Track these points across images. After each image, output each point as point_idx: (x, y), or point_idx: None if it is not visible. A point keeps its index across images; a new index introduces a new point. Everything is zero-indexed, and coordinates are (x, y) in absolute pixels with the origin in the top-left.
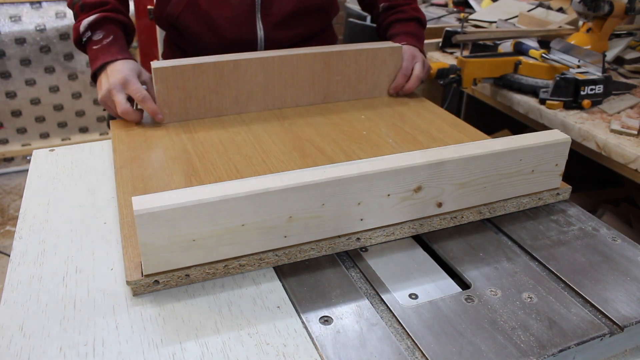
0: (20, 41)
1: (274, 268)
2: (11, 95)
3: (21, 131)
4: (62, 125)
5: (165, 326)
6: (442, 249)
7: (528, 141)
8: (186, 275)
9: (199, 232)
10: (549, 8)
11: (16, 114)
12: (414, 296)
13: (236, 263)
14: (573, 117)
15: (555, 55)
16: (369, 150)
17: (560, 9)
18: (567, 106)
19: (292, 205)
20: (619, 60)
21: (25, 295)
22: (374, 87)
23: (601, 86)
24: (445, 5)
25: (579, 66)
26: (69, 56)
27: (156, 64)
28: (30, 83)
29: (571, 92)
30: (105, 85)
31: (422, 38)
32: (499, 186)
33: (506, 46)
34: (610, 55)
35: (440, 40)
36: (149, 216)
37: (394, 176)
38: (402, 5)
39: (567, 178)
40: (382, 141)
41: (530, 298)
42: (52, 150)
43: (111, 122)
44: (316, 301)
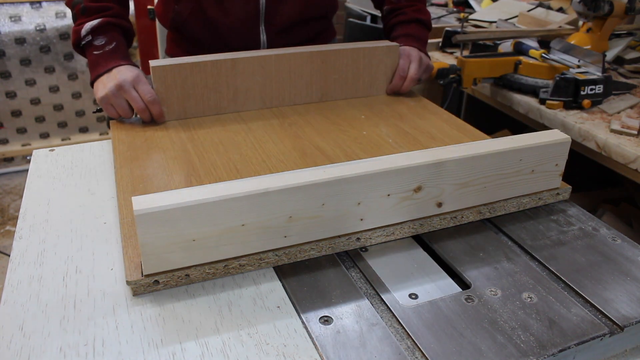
0: (20, 41)
1: (274, 268)
2: (11, 95)
3: (21, 131)
4: (62, 125)
5: (165, 326)
6: (442, 249)
7: (528, 141)
8: (186, 275)
9: (199, 232)
10: (549, 8)
11: (16, 114)
12: (414, 296)
13: (236, 263)
14: (573, 117)
15: (555, 55)
16: (369, 150)
17: (560, 9)
18: (567, 106)
19: (292, 205)
20: (619, 60)
21: (25, 295)
22: (370, 86)
23: (601, 86)
24: (445, 5)
25: (579, 66)
26: (69, 56)
27: (154, 62)
28: (30, 83)
29: (571, 92)
30: (112, 82)
31: (422, 38)
32: (499, 186)
33: (506, 46)
34: (610, 55)
35: (440, 40)
36: (149, 216)
37: (394, 176)
38: (404, 8)
39: (567, 178)
40: (382, 141)
41: (530, 298)
42: (52, 150)
43: (111, 122)
44: (316, 301)
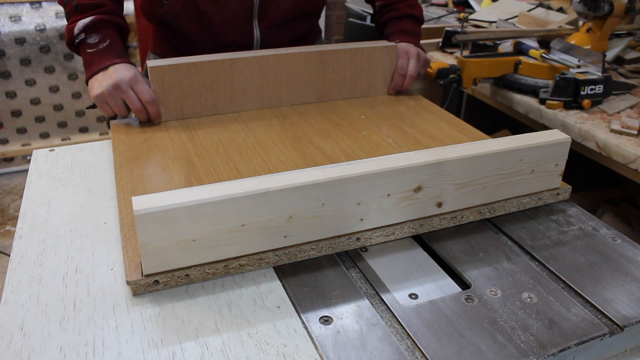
0: (20, 41)
1: (274, 268)
2: (11, 95)
3: (21, 131)
4: (62, 125)
5: (165, 326)
6: (442, 249)
7: (528, 141)
8: (186, 275)
9: (199, 232)
10: (549, 8)
11: (16, 114)
12: (414, 296)
13: (236, 263)
14: (573, 117)
15: (555, 55)
16: (369, 150)
17: (560, 9)
18: (567, 106)
19: (292, 205)
20: (619, 60)
21: (25, 295)
22: (369, 86)
23: (601, 86)
24: (445, 5)
25: (579, 66)
26: (69, 56)
27: (152, 62)
28: (30, 83)
29: (571, 92)
30: (108, 81)
31: (416, 33)
32: (499, 186)
33: (506, 46)
34: (610, 55)
35: (440, 40)
36: (149, 216)
37: (394, 176)
38: (396, 3)
39: (567, 178)
40: (382, 141)
41: (530, 298)
42: (52, 150)
43: (111, 122)
44: (316, 301)
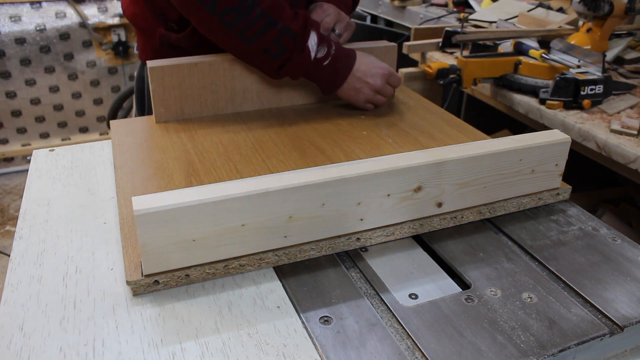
0: (20, 41)
1: (274, 268)
2: (11, 95)
3: (21, 131)
4: (62, 125)
5: (165, 326)
6: (442, 249)
7: (528, 141)
8: (186, 275)
9: (199, 232)
10: (549, 8)
11: (16, 114)
12: (414, 296)
13: (236, 263)
14: (573, 117)
15: (555, 55)
16: (369, 150)
17: (560, 9)
18: (567, 106)
19: (292, 205)
20: (619, 60)
21: (25, 295)
22: None
23: (601, 86)
24: (445, 5)
25: (579, 66)
26: (69, 56)
27: (152, 63)
28: (30, 83)
29: (571, 92)
30: (374, 77)
31: (345, 1)
32: (499, 186)
33: (506, 46)
34: (610, 55)
35: (440, 40)
36: (149, 216)
37: (394, 176)
38: None
39: (567, 178)
40: (382, 141)
41: (530, 298)
42: (52, 150)
43: (111, 122)
44: (316, 301)
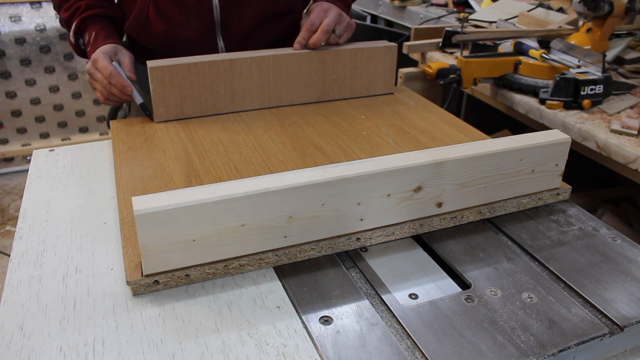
0: (20, 41)
1: (274, 268)
2: (11, 95)
3: (21, 131)
4: (62, 125)
5: (165, 326)
6: (442, 249)
7: (528, 141)
8: (186, 275)
9: (199, 232)
10: (549, 8)
11: (16, 114)
12: (414, 296)
13: (236, 263)
14: (573, 117)
15: (555, 55)
16: (369, 150)
17: (560, 9)
18: (567, 106)
19: (292, 205)
20: (619, 60)
21: (25, 295)
22: (369, 86)
23: (601, 86)
24: (445, 5)
25: (579, 66)
26: (69, 56)
27: (152, 63)
28: (30, 83)
29: (571, 92)
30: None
31: (345, 1)
32: (499, 186)
33: (506, 46)
34: (610, 55)
35: (440, 40)
36: (149, 216)
37: (394, 176)
38: None
39: (567, 178)
40: (382, 141)
41: (530, 298)
42: (52, 150)
43: (111, 122)
44: (316, 301)
